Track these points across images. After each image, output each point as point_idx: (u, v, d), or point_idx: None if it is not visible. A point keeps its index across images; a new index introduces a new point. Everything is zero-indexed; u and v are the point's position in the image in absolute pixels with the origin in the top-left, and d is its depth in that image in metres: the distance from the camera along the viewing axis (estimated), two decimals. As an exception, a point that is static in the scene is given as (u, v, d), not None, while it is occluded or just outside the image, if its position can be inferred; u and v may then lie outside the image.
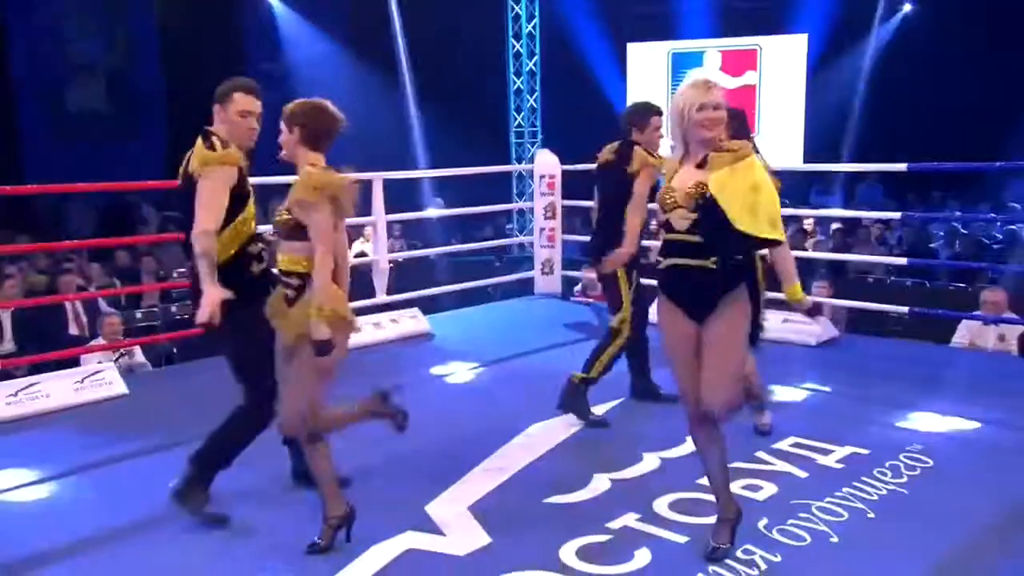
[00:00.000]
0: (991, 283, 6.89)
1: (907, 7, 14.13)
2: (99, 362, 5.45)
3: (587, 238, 5.95)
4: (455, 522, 3.32)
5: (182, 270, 9.15)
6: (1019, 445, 4.11)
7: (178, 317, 7.65)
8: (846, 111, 13.60)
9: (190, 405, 4.76)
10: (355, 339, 6.03)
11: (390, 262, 6.63)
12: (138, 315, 7.65)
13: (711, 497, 3.44)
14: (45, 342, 6.48)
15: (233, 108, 3.27)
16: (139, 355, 6.17)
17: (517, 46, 12.15)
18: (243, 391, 3.31)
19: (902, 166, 6.05)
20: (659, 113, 4.34)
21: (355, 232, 9.73)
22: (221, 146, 3.23)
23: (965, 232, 10.28)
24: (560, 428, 4.31)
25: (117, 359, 5.82)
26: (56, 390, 4.83)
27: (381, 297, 6.56)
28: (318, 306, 2.87)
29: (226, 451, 3.30)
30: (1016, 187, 13.49)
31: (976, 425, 4.35)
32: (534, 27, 12.12)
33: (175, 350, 6.64)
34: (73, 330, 7.25)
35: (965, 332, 6.11)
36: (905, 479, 3.66)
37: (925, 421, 4.39)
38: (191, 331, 6.53)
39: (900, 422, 4.37)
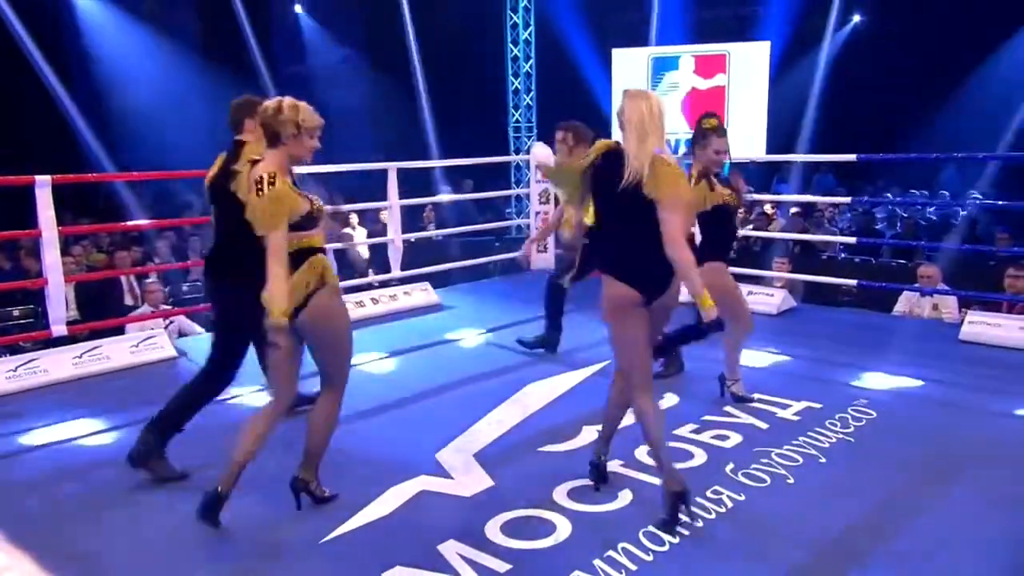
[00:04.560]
0: (927, 259, 6.88)
1: (856, 18, 13.98)
2: (151, 328, 5.43)
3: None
4: (462, 467, 3.33)
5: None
6: (949, 398, 4.12)
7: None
8: (803, 109, 13.51)
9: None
10: (374, 309, 6.07)
11: (404, 241, 6.59)
12: (184, 288, 7.63)
13: (684, 446, 3.47)
14: (104, 311, 6.46)
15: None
16: (188, 322, 6.16)
17: (515, 51, 12.04)
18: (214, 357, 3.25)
19: (852, 157, 6.00)
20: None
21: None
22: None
23: (905, 215, 10.25)
24: (553, 387, 4.31)
25: (167, 326, 5.81)
26: (115, 353, 4.82)
27: (396, 272, 6.55)
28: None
29: (185, 415, 3.23)
30: (948, 175, 13.45)
31: (913, 382, 4.35)
32: (530, 34, 11.99)
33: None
34: (128, 300, 7.23)
35: (905, 302, 6.11)
36: (852, 429, 3.67)
37: (870, 379, 4.39)
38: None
39: (849, 380, 4.38)
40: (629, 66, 12.89)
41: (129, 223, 7.76)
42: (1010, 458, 3.37)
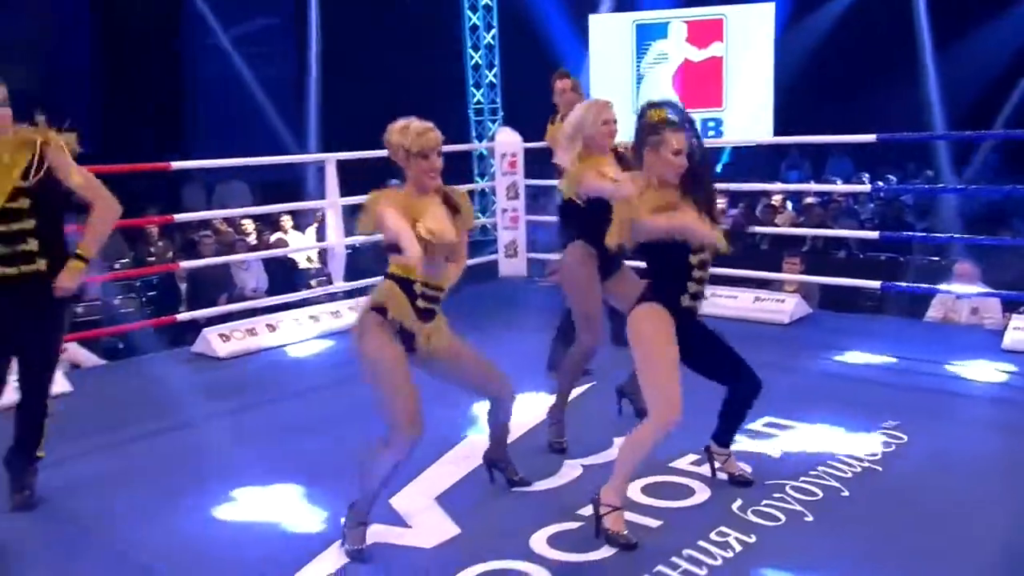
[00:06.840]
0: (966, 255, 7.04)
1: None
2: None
3: (553, 218, 6.00)
4: (421, 514, 3.35)
5: (124, 260, 9.01)
6: (990, 418, 4.25)
7: (122, 311, 7.53)
8: (816, 82, 13.68)
9: (133, 403, 4.72)
10: (314, 328, 6.05)
11: (348, 247, 6.60)
12: (79, 309, 7.51)
13: (684, 480, 3.54)
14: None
15: None
16: (82, 351, 6.08)
17: (474, 19, 12.11)
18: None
19: (871, 137, 6.14)
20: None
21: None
22: None
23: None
24: (528, 415, 4.33)
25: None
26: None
27: (339, 284, 6.55)
28: None
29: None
30: (988, 159, 13.73)
31: (948, 399, 4.47)
32: (492, -1, 12.09)
33: (121, 345, 6.57)
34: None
35: (939, 306, 6.27)
36: (879, 456, 3.77)
37: (899, 397, 4.51)
38: (137, 324, 6.50)
39: (874, 399, 4.48)
40: (609, 35, 13.04)
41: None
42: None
